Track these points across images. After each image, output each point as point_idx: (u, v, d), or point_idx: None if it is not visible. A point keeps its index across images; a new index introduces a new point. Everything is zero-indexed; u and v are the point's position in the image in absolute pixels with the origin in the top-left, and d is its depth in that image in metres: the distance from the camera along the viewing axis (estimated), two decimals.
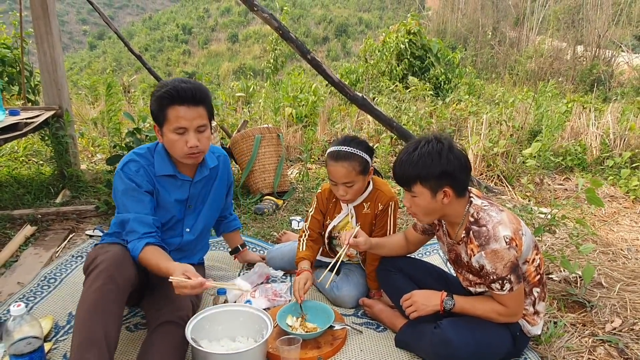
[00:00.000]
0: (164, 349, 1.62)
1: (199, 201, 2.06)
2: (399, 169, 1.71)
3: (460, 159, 1.67)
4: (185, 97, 1.77)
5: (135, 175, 1.86)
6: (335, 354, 1.89)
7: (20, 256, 2.71)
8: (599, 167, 5.03)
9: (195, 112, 1.80)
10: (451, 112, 6.42)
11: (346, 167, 2.02)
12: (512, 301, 1.68)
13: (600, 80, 12.86)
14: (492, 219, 1.64)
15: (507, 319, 1.74)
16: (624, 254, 2.95)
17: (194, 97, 1.79)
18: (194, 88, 1.80)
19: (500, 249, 1.59)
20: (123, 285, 1.65)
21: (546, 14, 18.26)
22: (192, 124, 1.80)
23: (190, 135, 1.81)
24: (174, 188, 1.96)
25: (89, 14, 45.89)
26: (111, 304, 1.59)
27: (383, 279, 2.13)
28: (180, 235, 2.03)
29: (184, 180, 1.98)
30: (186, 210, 2.03)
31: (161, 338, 1.65)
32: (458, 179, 1.67)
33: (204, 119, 1.84)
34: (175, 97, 1.77)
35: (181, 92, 1.77)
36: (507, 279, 1.62)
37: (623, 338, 2.02)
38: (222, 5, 45.22)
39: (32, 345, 1.56)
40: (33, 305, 2.17)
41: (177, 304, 1.77)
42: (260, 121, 6.22)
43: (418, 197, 1.70)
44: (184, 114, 1.78)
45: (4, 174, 4.15)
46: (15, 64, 5.08)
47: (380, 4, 43.09)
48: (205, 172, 2.03)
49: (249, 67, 22.61)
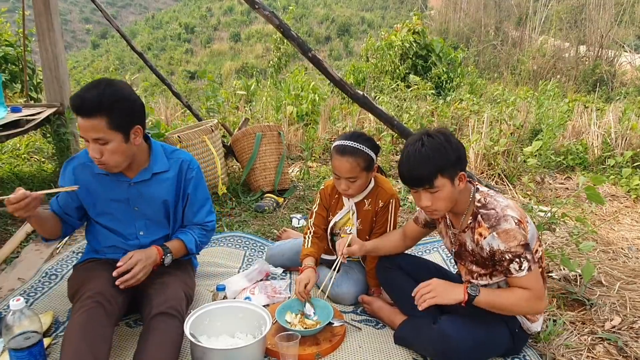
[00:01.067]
0: (158, 340, 1.63)
1: (144, 204, 1.96)
2: (416, 171, 1.63)
3: (458, 143, 1.69)
4: (79, 108, 1.67)
5: (70, 172, 1.92)
6: (334, 351, 1.89)
7: (21, 252, 2.73)
8: (600, 167, 5.02)
9: (89, 123, 1.68)
10: (452, 110, 6.41)
11: (351, 162, 2.02)
12: (534, 282, 1.63)
13: (602, 80, 12.81)
14: (499, 203, 1.66)
15: (535, 305, 1.67)
16: (624, 252, 2.94)
17: (85, 108, 1.66)
18: (90, 97, 1.65)
19: (512, 228, 1.59)
20: (111, 309, 1.68)
21: (549, 14, 18.20)
22: (87, 135, 1.71)
23: (90, 146, 1.74)
24: (111, 187, 1.92)
25: (91, 13, 45.96)
26: (100, 327, 1.61)
27: (382, 277, 2.13)
28: (135, 238, 1.99)
29: (121, 181, 1.93)
30: (132, 212, 1.96)
31: (154, 330, 1.66)
32: (465, 161, 1.70)
33: (99, 131, 1.68)
34: (73, 105, 1.69)
35: (76, 102, 1.67)
36: (524, 257, 1.60)
37: (622, 336, 2.01)
38: (224, 4, 45.23)
39: (31, 340, 1.57)
40: (34, 301, 2.18)
41: (168, 294, 1.77)
42: (262, 119, 6.23)
43: (440, 191, 1.64)
44: (80, 124, 1.70)
45: (6, 170, 4.16)
46: (18, 62, 5.10)
47: (383, 4, 43.07)
48: (146, 175, 1.94)
49: (251, 66, 22.60)
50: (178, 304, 1.76)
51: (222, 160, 3.72)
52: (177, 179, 2.01)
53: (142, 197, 1.96)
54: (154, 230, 2.02)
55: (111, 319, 1.70)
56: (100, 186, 1.92)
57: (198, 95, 10.09)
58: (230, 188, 3.81)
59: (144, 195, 1.95)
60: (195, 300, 2.16)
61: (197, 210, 2.08)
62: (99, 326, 1.62)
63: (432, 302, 1.69)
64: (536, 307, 1.70)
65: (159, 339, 1.63)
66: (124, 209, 1.95)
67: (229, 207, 3.56)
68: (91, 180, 1.91)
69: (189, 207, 2.06)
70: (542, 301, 1.68)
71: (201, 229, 2.11)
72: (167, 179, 1.99)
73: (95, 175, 1.92)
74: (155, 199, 1.98)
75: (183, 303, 1.81)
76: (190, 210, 2.07)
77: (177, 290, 1.83)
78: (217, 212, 3.43)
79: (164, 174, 1.98)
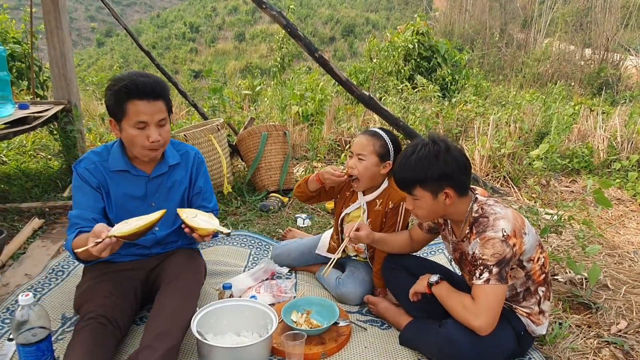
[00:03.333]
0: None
1: (161, 199, 2.01)
2: (399, 174, 1.73)
3: (458, 160, 1.67)
4: (145, 92, 1.75)
5: (84, 172, 1.88)
6: (340, 350, 1.89)
7: (28, 248, 2.74)
8: (606, 170, 5.01)
9: (155, 106, 1.78)
10: (458, 112, 6.41)
11: (367, 140, 2.13)
12: (483, 297, 1.60)
13: (608, 84, 12.77)
14: (495, 213, 1.66)
15: (469, 317, 1.63)
16: (630, 256, 2.93)
17: (154, 91, 1.77)
18: (153, 82, 1.78)
19: (495, 237, 1.59)
20: (113, 330, 1.70)
21: (554, 17, 18.15)
22: (152, 119, 1.79)
23: (152, 129, 1.80)
24: (128, 183, 1.94)
25: (97, 11, 46.09)
26: (102, 348, 1.63)
27: (388, 277, 2.14)
28: (151, 233, 1.98)
29: (139, 176, 1.95)
30: (149, 208, 1.98)
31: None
32: (458, 179, 1.68)
33: (164, 112, 1.83)
34: (134, 91, 1.74)
35: (140, 87, 1.74)
36: (489, 268, 1.59)
37: (628, 340, 2.01)
38: (229, 4, 45.26)
39: (39, 335, 1.58)
40: (41, 297, 2.19)
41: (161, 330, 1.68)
42: (267, 119, 6.23)
43: (420, 200, 1.72)
44: (143, 109, 1.76)
45: (13, 167, 4.18)
46: (25, 59, 5.13)
47: (388, 5, 42.98)
48: (164, 168, 1.99)
49: (255, 66, 22.60)
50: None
51: (227, 160, 3.72)
52: (190, 170, 2.09)
53: (159, 191, 2.00)
54: (169, 223, 2.06)
55: (114, 339, 1.71)
56: (117, 184, 1.93)
57: (202, 94, 10.11)
58: (235, 187, 3.81)
59: (161, 189, 2.00)
60: (202, 298, 2.17)
61: (210, 198, 2.17)
62: (101, 348, 1.62)
63: (412, 298, 1.89)
64: (469, 320, 1.63)
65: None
66: (140, 205, 1.97)
67: (234, 206, 3.56)
68: (108, 179, 1.92)
69: (202, 196, 2.13)
70: (477, 318, 1.61)
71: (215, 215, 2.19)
72: (181, 171, 2.06)
73: (111, 174, 1.92)
74: (173, 191, 2.03)
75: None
76: (204, 199, 2.15)
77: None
78: (223, 210, 3.44)
79: (177, 166, 2.05)
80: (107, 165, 1.91)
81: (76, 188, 1.90)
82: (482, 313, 1.61)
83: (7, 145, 4.69)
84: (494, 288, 1.60)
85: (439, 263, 2.18)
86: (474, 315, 1.62)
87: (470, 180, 1.76)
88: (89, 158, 1.93)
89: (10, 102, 3.22)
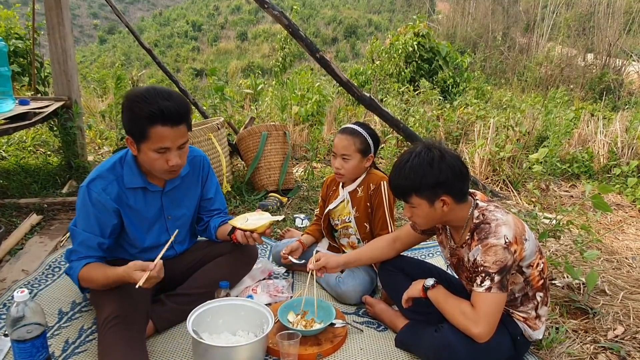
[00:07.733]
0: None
1: (176, 210, 2.03)
2: (394, 182, 1.72)
3: (454, 166, 1.65)
4: (170, 118, 1.68)
5: (101, 194, 1.80)
6: (335, 352, 1.89)
7: (26, 244, 2.74)
8: (606, 175, 5.00)
9: (179, 131, 1.73)
10: (458, 115, 6.40)
11: (348, 140, 2.22)
12: (483, 305, 1.60)
13: (609, 89, 12.76)
14: (497, 219, 1.64)
15: (468, 324, 1.62)
16: (628, 262, 2.92)
17: (179, 116, 1.71)
18: (177, 105, 1.70)
19: (497, 244, 1.58)
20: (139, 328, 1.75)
21: (557, 21, 18.15)
22: (174, 144, 1.74)
23: (173, 154, 1.76)
24: (145, 199, 1.92)
25: (100, 8, 46.18)
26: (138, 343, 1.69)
27: (385, 279, 2.13)
28: (171, 247, 1.98)
29: (154, 191, 1.94)
30: (167, 222, 2.00)
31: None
32: (454, 186, 1.66)
33: (185, 135, 1.78)
34: (158, 117, 1.67)
35: (166, 112, 1.66)
36: (490, 276, 1.58)
37: (625, 346, 2.01)
38: (232, 3, 45.31)
39: (34, 332, 1.57)
40: (37, 293, 2.19)
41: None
42: (267, 119, 6.23)
43: (417, 208, 1.71)
44: (167, 135, 1.70)
45: (12, 163, 4.18)
46: (27, 55, 5.12)
47: (391, 6, 43.01)
48: (176, 181, 1.98)
49: (257, 66, 22.60)
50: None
51: (227, 159, 3.72)
52: (199, 175, 2.11)
53: (173, 203, 2.01)
54: (185, 237, 2.15)
55: (141, 334, 1.76)
56: (134, 201, 1.90)
57: (204, 93, 10.12)
58: (234, 186, 3.81)
59: (175, 201, 2.01)
60: None
61: (221, 198, 2.24)
62: (136, 345, 1.68)
63: (405, 304, 1.87)
64: (468, 327, 1.62)
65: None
66: (156, 219, 1.98)
67: (232, 206, 3.56)
68: (123, 196, 1.87)
69: (215, 197, 2.19)
70: (476, 326, 1.60)
71: (225, 214, 2.28)
72: (192, 179, 2.08)
73: (126, 190, 1.87)
74: (188, 201, 2.06)
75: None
76: (217, 200, 2.21)
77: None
78: None
79: (188, 175, 2.05)
80: (123, 182, 1.86)
81: (84, 208, 1.81)
82: (482, 321, 1.61)
83: (7, 141, 4.69)
84: (495, 296, 1.59)
85: (436, 265, 2.18)
86: (474, 323, 1.62)
87: (469, 186, 1.74)
88: (103, 177, 1.84)
89: (10, 97, 3.22)
